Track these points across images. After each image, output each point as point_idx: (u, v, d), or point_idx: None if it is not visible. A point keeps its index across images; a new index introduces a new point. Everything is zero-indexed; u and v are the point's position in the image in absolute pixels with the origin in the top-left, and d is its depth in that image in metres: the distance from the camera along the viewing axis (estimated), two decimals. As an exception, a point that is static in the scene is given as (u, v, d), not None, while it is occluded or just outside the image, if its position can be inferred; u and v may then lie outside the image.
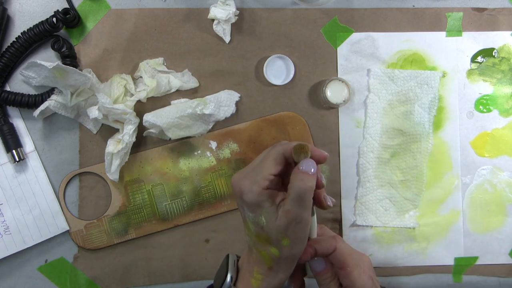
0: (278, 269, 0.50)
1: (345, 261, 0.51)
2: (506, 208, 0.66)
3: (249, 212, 0.49)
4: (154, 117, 0.60)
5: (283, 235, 0.47)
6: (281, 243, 0.48)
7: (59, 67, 0.57)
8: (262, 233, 0.49)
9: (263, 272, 0.51)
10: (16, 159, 0.61)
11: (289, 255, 0.49)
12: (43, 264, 0.63)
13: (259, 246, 0.50)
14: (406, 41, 0.66)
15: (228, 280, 0.52)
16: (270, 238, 0.48)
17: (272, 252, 0.49)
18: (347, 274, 0.51)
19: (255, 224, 0.49)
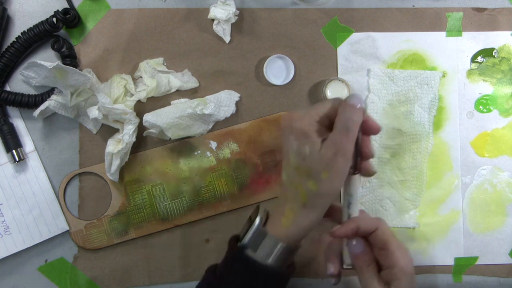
0: (312, 207, 0.51)
1: (387, 240, 0.52)
2: (506, 208, 0.66)
3: (294, 140, 0.50)
4: (154, 117, 0.60)
5: (324, 166, 0.48)
6: (320, 176, 0.49)
7: (59, 67, 0.57)
8: (303, 164, 0.50)
9: (296, 210, 0.51)
10: (16, 159, 0.61)
11: (326, 191, 0.49)
12: (43, 264, 0.63)
13: (297, 180, 0.51)
14: (406, 41, 0.66)
15: (257, 222, 0.53)
16: (310, 170, 0.49)
17: (309, 186, 0.50)
18: (390, 253, 0.51)
19: (298, 155, 0.50)
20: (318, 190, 0.50)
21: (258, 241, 0.52)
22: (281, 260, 0.52)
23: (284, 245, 0.52)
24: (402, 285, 0.51)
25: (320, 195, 0.50)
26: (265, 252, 0.52)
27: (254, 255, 0.52)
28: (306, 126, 0.50)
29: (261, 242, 0.52)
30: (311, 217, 0.51)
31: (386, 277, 0.52)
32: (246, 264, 0.52)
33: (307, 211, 0.51)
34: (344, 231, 0.52)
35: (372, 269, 0.52)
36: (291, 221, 0.52)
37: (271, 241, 0.52)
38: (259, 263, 0.52)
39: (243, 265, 0.52)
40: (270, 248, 0.52)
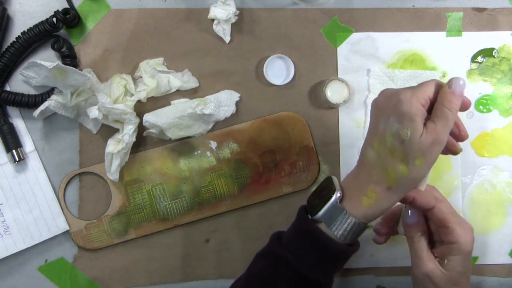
0: (396, 191, 0.50)
1: (445, 218, 0.52)
2: (506, 208, 0.66)
3: (396, 122, 0.49)
4: (154, 117, 0.60)
5: (421, 153, 0.48)
6: (414, 162, 0.48)
7: (59, 67, 0.57)
8: (399, 147, 0.49)
9: (379, 191, 0.51)
10: (16, 159, 0.61)
11: (415, 177, 0.49)
12: (43, 264, 0.63)
13: (388, 162, 0.50)
14: (406, 41, 0.66)
15: (334, 197, 0.52)
16: (406, 155, 0.48)
17: (400, 170, 0.49)
18: (450, 231, 0.52)
19: (396, 137, 0.49)
20: (407, 175, 0.49)
21: (334, 217, 0.52)
22: (353, 238, 0.52)
23: (362, 224, 0.51)
24: (457, 261, 0.52)
25: (408, 181, 0.49)
26: (340, 229, 0.51)
27: (328, 231, 0.51)
28: (412, 109, 0.48)
29: (337, 218, 0.51)
30: (393, 200, 0.51)
31: (440, 252, 0.53)
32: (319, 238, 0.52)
33: (390, 194, 0.50)
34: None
35: (423, 240, 0.53)
36: (373, 202, 0.51)
37: (348, 219, 0.51)
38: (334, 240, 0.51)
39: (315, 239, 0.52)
40: (345, 225, 0.51)
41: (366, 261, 0.65)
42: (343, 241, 0.52)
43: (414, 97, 0.49)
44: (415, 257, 0.53)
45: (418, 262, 0.52)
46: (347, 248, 0.52)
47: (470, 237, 0.53)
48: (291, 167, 0.64)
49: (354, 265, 0.65)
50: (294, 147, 0.64)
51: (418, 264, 0.52)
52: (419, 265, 0.52)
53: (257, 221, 0.64)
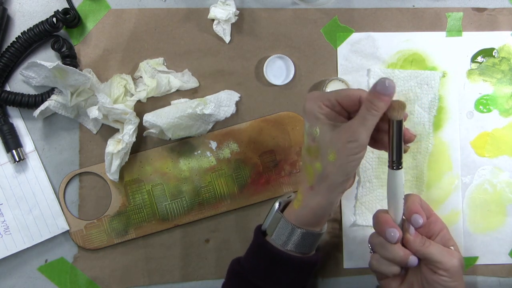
0: (318, 190, 0.51)
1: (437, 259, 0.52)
2: (506, 208, 0.66)
3: (306, 121, 0.51)
4: (154, 117, 0.60)
5: (332, 148, 0.48)
6: (327, 157, 0.49)
7: (59, 67, 0.57)
8: (312, 145, 0.50)
9: (304, 191, 0.52)
10: (16, 159, 0.61)
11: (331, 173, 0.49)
12: (43, 264, 0.63)
13: (307, 160, 0.51)
14: (406, 41, 0.66)
15: (276, 206, 0.55)
16: (319, 150, 0.49)
17: (316, 167, 0.50)
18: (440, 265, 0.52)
19: (309, 136, 0.51)
20: (323, 172, 0.50)
21: (274, 225, 0.53)
22: (299, 245, 0.52)
23: (299, 229, 0.52)
24: None
25: (325, 177, 0.50)
26: (283, 237, 0.52)
27: (272, 240, 0.53)
28: (316, 107, 0.50)
29: (277, 226, 0.53)
30: (317, 199, 0.51)
31: None
32: (265, 249, 0.53)
33: (314, 193, 0.51)
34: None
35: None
36: (300, 203, 0.52)
37: (286, 225, 0.52)
38: (275, 247, 0.52)
39: (262, 251, 0.53)
40: (286, 232, 0.52)
41: (366, 261, 0.65)
42: (294, 250, 0.52)
43: (319, 97, 0.51)
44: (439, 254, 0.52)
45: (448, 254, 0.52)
46: (294, 256, 0.52)
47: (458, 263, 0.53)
48: (291, 167, 0.64)
49: (354, 265, 0.65)
50: (294, 147, 0.64)
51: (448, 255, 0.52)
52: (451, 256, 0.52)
53: (257, 221, 0.64)
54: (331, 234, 0.65)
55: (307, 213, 0.52)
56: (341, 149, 0.48)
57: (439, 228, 0.55)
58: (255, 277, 0.53)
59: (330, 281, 0.65)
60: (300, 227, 0.52)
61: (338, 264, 0.65)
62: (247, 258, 0.56)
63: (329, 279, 0.65)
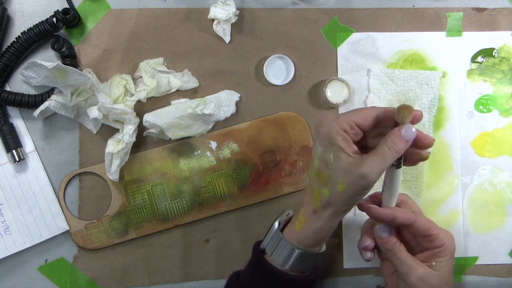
0: (321, 215, 0.51)
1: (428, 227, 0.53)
2: (506, 208, 0.66)
3: (319, 146, 0.50)
4: (154, 117, 0.60)
5: (344, 179, 0.48)
6: (336, 187, 0.49)
7: (59, 67, 0.57)
8: (324, 170, 0.50)
9: (307, 215, 0.52)
10: (16, 159, 0.61)
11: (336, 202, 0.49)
12: (43, 264, 0.63)
13: (315, 184, 0.51)
14: (406, 41, 0.66)
15: (275, 226, 0.55)
16: (330, 178, 0.49)
17: (323, 193, 0.50)
18: (434, 237, 0.53)
19: (321, 160, 0.50)
20: (329, 200, 0.50)
21: (274, 245, 0.54)
22: (299, 265, 0.53)
23: (299, 250, 0.52)
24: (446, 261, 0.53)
25: (331, 204, 0.50)
26: (282, 257, 0.53)
27: (271, 259, 0.53)
28: (331, 133, 0.49)
29: (277, 246, 0.53)
30: (320, 224, 0.52)
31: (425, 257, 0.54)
32: (264, 268, 0.53)
33: (317, 217, 0.51)
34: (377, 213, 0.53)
35: (403, 249, 0.54)
36: (302, 225, 0.53)
37: (286, 245, 0.53)
38: (275, 268, 0.53)
39: (261, 270, 0.54)
40: (286, 252, 0.53)
41: (366, 261, 0.65)
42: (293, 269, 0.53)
43: (335, 122, 0.49)
44: (402, 266, 0.53)
45: (407, 270, 0.53)
46: (293, 276, 0.53)
47: (452, 237, 0.55)
48: (291, 167, 0.64)
49: (354, 265, 0.65)
50: (294, 147, 0.64)
51: (408, 272, 0.53)
52: (409, 272, 0.53)
53: (257, 221, 0.64)
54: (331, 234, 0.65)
55: (309, 236, 0.52)
56: (352, 183, 0.48)
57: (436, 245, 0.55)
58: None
59: (330, 281, 0.65)
60: (301, 247, 0.53)
61: (338, 264, 0.65)
62: (246, 276, 0.56)
63: (329, 279, 0.65)
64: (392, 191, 0.53)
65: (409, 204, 0.57)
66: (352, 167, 0.48)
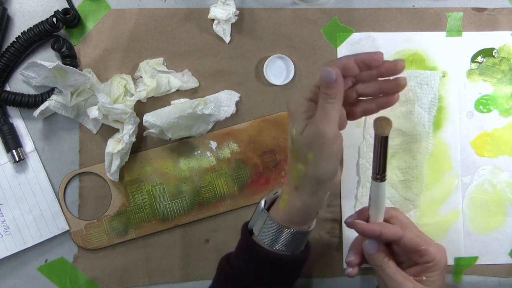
0: (303, 190, 0.50)
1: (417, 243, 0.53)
2: (506, 208, 0.66)
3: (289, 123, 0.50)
4: (154, 117, 0.60)
5: (308, 148, 0.48)
6: (307, 158, 0.48)
7: (59, 67, 0.57)
8: (293, 147, 0.50)
9: (289, 192, 0.52)
10: (16, 159, 0.61)
11: (314, 175, 0.49)
12: (43, 264, 0.63)
13: (291, 162, 0.51)
14: (406, 41, 0.66)
15: (261, 205, 0.54)
16: (298, 152, 0.49)
17: (299, 169, 0.49)
18: (423, 252, 0.53)
19: (290, 138, 0.50)
20: (306, 173, 0.49)
21: (260, 224, 0.53)
22: (287, 244, 0.52)
23: (286, 229, 0.51)
24: (436, 276, 0.53)
25: (309, 177, 0.49)
26: (269, 236, 0.52)
27: (258, 239, 0.52)
28: (293, 105, 0.49)
29: (263, 226, 0.53)
30: (303, 199, 0.51)
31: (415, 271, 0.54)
32: (252, 249, 0.53)
33: (299, 193, 0.51)
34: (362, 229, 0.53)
35: (392, 264, 0.54)
36: (285, 203, 0.52)
37: (272, 225, 0.52)
38: (263, 248, 0.52)
39: (250, 251, 0.53)
40: (272, 232, 0.52)
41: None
42: (282, 249, 0.52)
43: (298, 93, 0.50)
44: (391, 281, 0.53)
45: (396, 286, 0.53)
46: (282, 256, 0.52)
47: (443, 252, 0.55)
48: (291, 167, 0.64)
49: (354, 265, 0.65)
50: (294, 147, 0.64)
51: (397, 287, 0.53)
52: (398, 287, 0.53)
53: (257, 221, 0.64)
54: (331, 234, 0.65)
55: (294, 213, 0.52)
56: (315, 145, 0.48)
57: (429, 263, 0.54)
58: (244, 278, 0.53)
59: (330, 281, 0.65)
60: (287, 226, 0.52)
61: (338, 264, 0.65)
62: (236, 258, 0.55)
63: (329, 279, 0.65)
64: (378, 205, 0.53)
65: (399, 219, 0.56)
66: (309, 131, 0.48)
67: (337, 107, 0.48)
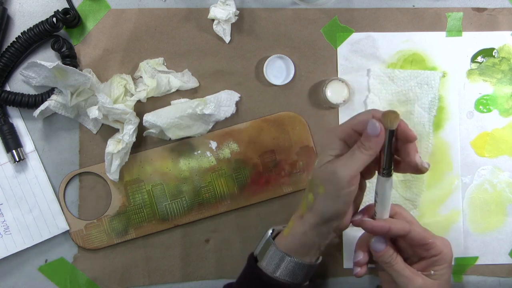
0: (306, 220, 0.51)
1: (424, 237, 0.53)
2: (506, 208, 0.66)
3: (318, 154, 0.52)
4: (154, 117, 0.60)
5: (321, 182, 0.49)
6: (318, 191, 0.50)
7: (59, 67, 0.57)
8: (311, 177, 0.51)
9: (295, 220, 0.53)
10: (16, 159, 0.61)
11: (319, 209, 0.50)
12: (43, 264, 0.63)
13: (306, 191, 0.52)
14: (406, 41, 0.66)
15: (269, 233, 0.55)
16: (313, 182, 0.50)
17: (308, 198, 0.51)
18: (430, 245, 0.53)
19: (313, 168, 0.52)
20: (313, 204, 0.50)
21: (266, 251, 0.54)
22: (290, 274, 0.52)
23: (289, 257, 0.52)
24: (444, 270, 0.53)
25: (314, 209, 0.51)
26: (273, 264, 0.53)
27: (262, 266, 0.53)
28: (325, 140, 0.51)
29: (267, 252, 0.53)
30: (304, 229, 0.51)
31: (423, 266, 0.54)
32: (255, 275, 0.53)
33: (302, 222, 0.52)
34: (371, 226, 0.53)
35: (400, 260, 0.54)
36: (289, 231, 0.53)
37: (276, 252, 0.53)
38: (265, 274, 0.52)
39: (252, 277, 0.54)
40: (276, 259, 0.53)
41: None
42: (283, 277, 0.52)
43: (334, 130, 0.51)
44: (400, 277, 0.53)
45: (406, 281, 0.53)
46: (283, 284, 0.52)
47: (449, 245, 0.55)
48: (291, 167, 0.64)
49: (354, 265, 0.65)
50: (294, 147, 0.64)
51: (406, 283, 0.53)
52: (408, 283, 0.53)
53: (257, 221, 0.64)
54: (331, 234, 0.65)
55: (294, 241, 0.52)
56: (328, 182, 0.49)
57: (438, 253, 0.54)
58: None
59: (330, 281, 0.65)
60: (290, 255, 0.52)
61: (338, 264, 0.65)
62: (239, 284, 0.56)
63: (329, 279, 0.65)
64: (384, 201, 0.53)
65: (403, 215, 0.56)
66: (327, 167, 0.49)
67: (367, 159, 0.49)
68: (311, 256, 0.54)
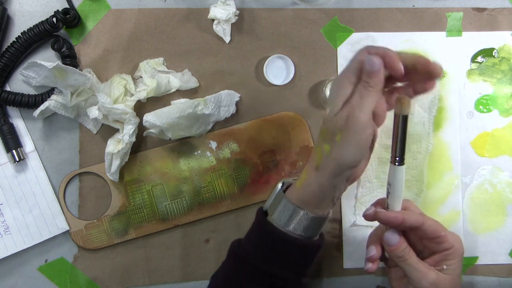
0: (322, 171, 0.49)
1: (436, 229, 0.53)
2: (506, 208, 0.66)
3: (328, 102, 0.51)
4: (154, 117, 0.60)
5: (338, 130, 0.48)
6: (334, 139, 0.48)
7: (59, 67, 0.57)
8: (325, 125, 0.50)
9: (309, 171, 0.51)
10: (16, 159, 0.61)
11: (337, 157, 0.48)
12: (43, 264, 0.63)
13: (318, 142, 0.51)
14: (406, 41, 0.66)
15: (279, 186, 0.53)
16: (328, 131, 0.49)
17: (324, 149, 0.49)
18: (443, 238, 0.53)
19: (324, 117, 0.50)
20: (330, 153, 0.48)
21: (276, 205, 0.52)
22: (302, 227, 0.51)
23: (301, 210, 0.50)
24: (455, 264, 0.53)
25: (332, 159, 0.49)
26: (284, 218, 0.51)
27: (272, 220, 0.52)
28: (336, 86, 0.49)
29: (278, 206, 0.52)
30: (320, 180, 0.50)
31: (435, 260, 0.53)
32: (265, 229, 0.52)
33: (318, 174, 0.50)
34: (386, 217, 0.52)
35: (413, 255, 0.53)
36: (303, 182, 0.51)
37: (287, 205, 0.51)
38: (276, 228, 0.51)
39: (263, 231, 0.52)
40: (288, 213, 0.51)
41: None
42: (291, 231, 0.51)
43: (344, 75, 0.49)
44: (414, 272, 0.53)
45: (419, 276, 0.52)
46: (294, 238, 0.51)
47: (459, 240, 0.54)
48: (291, 167, 0.64)
49: (354, 265, 0.65)
50: (294, 147, 0.64)
51: (420, 277, 0.52)
52: (421, 278, 0.52)
53: (257, 221, 0.64)
54: (331, 234, 0.65)
55: (308, 193, 0.50)
56: (345, 129, 0.47)
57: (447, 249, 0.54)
58: (254, 257, 0.52)
59: (330, 281, 0.65)
60: (302, 208, 0.51)
61: (338, 264, 0.65)
62: (248, 238, 0.54)
63: (329, 279, 0.65)
64: (397, 192, 0.52)
65: (412, 209, 0.56)
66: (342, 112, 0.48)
67: (375, 96, 0.48)
68: (323, 209, 0.52)
